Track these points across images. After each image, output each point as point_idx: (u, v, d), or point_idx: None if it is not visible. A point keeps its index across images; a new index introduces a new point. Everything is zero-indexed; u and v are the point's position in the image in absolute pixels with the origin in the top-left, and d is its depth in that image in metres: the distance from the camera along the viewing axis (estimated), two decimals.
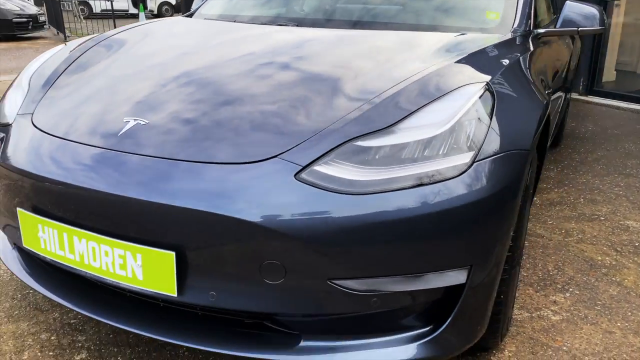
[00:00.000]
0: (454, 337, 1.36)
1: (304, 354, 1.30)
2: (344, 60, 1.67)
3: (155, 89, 1.57)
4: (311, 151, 1.27)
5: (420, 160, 1.27)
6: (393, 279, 1.25)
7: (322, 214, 1.20)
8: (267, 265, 1.21)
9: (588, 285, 2.15)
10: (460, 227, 1.25)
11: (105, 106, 1.54)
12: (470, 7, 2.16)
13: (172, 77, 1.63)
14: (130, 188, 1.25)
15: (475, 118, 1.35)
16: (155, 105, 1.49)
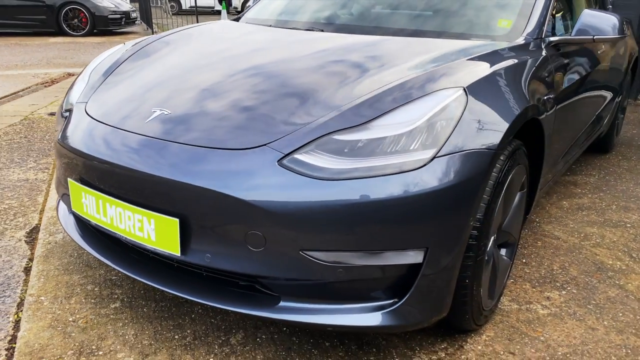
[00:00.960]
0: (416, 310, 1.55)
1: (282, 312, 1.54)
2: (347, 64, 1.88)
3: (181, 86, 1.87)
4: (294, 142, 1.50)
5: (387, 154, 1.46)
6: (355, 253, 1.45)
7: (297, 194, 1.43)
8: (250, 234, 1.46)
9: (588, 285, 2.22)
10: (416, 213, 1.43)
11: (141, 99, 1.85)
12: (485, 15, 2.29)
13: (195, 76, 1.92)
14: (146, 165, 1.55)
15: (443, 119, 1.52)
16: (178, 99, 1.78)
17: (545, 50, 2.16)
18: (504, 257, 2.01)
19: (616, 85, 3.56)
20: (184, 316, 1.92)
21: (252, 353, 1.74)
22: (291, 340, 1.81)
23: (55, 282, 2.11)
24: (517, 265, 2.37)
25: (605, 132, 3.86)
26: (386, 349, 1.78)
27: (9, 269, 2.21)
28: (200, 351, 1.74)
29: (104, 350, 1.73)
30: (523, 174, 1.91)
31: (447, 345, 1.81)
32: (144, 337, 1.80)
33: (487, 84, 1.69)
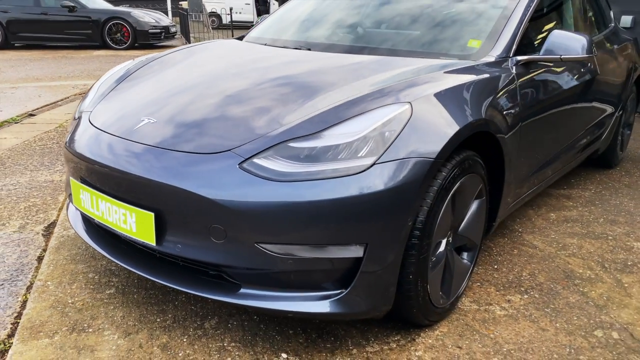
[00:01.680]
0: (360, 300, 1.72)
1: (242, 298, 1.74)
2: (315, 80, 2.09)
3: (166, 98, 2.12)
4: (254, 148, 1.72)
5: (334, 160, 1.66)
6: (302, 247, 1.65)
7: (252, 194, 1.64)
8: (213, 228, 1.67)
9: (551, 291, 2.34)
10: (355, 212, 1.62)
11: (134, 109, 2.10)
12: (456, 37, 2.47)
13: (183, 90, 2.17)
14: (128, 165, 1.79)
15: (387, 130, 1.70)
16: (163, 109, 2.02)
17: (512, 68, 2.31)
18: (463, 260, 2.16)
19: (613, 101, 3.63)
20: (168, 303, 2.15)
21: (222, 336, 1.95)
22: (259, 327, 2.01)
23: (62, 270, 2.38)
24: (488, 270, 2.50)
25: (607, 148, 3.92)
26: (343, 338, 1.96)
27: (25, 257, 2.50)
28: (177, 332, 1.96)
29: (94, 328, 1.97)
30: (478, 183, 2.06)
31: (400, 338, 1.97)
32: (130, 319, 2.03)
33: (435, 99, 1.86)
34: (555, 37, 2.38)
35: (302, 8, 3.19)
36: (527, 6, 2.54)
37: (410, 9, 2.73)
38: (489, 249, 2.72)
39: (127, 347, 1.87)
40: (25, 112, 5.74)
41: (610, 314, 2.18)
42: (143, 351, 1.86)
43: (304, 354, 1.87)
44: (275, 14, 3.31)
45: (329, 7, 3.05)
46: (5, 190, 3.37)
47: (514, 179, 2.37)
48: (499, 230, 2.95)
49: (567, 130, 2.92)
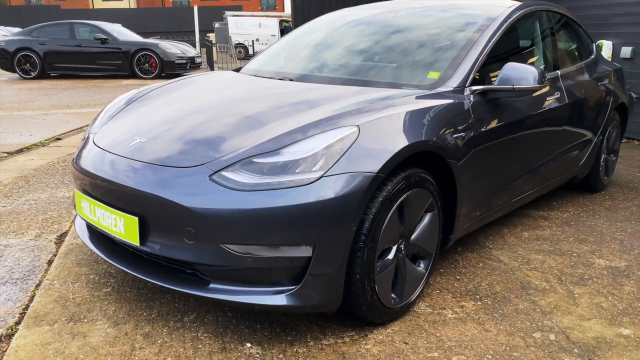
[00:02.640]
0: (312, 295, 1.98)
1: (211, 292, 2.02)
2: (283, 106, 2.41)
3: (158, 121, 2.45)
4: (223, 163, 2.02)
5: (289, 173, 1.95)
6: (259, 247, 1.93)
7: (218, 201, 1.93)
8: (186, 230, 1.97)
9: (504, 299, 2.55)
10: (304, 217, 1.90)
11: (131, 130, 2.44)
12: (419, 68, 2.76)
13: (170, 114, 2.51)
14: (118, 177, 2.12)
15: (335, 149, 1.99)
16: (153, 130, 2.36)
17: (466, 97, 2.58)
18: (417, 267, 2.40)
19: (589, 128, 3.84)
20: (155, 300, 2.44)
21: (197, 328, 2.23)
22: (231, 322, 2.29)
23: (67, 271, 2.71)
24: (450, 280, 2.73)
25: (588, 173, 4.10)
26: (304, 332, 2.22)
27: (37, 261, 2.84)
28: (159, 324, 2.25)
29: (88, 319, 2.28)
30: (427, 197, 2.32)
31: (354, 333, 2.22)
32: (120, 312, 2.33)
33: (382, 123, 2.15)
34: (508, 69, 2.65)
35: (288, 44, 3.55)
36: (487, 41, 2.81)
37: (379, 45, 3.05)
38: (455, 262, 2.95)
39: (114, 334, 2.17)
40: (53, 136, 6.22)
41: (553, 319, 2.38)
42: (128, 338, 2.15)
43: (265, 344, 2.13)
44: (268, 49, 3.67)
45: (310, 43, 3.40)
46: (27, 204, 3.76)
47: (470, 198, 2.61)
48: (470, 245, 3.17)
49: (531, 156, 3.14)
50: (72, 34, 13.63)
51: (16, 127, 6.82)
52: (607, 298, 2.59)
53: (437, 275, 2.77)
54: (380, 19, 3.32)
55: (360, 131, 2.07)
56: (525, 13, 3.22)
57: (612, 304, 2.53)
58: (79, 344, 2.10)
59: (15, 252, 2.95)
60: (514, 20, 3.09)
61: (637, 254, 3.12)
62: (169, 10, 38.41)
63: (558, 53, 3.55)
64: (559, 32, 3.76)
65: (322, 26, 3.60)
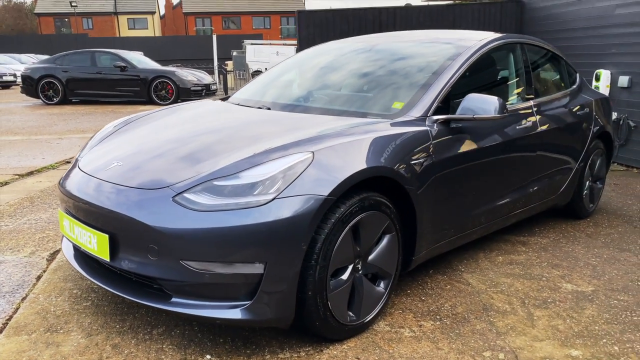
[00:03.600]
0: (265, 310, 2.12)
1: (172, 305, 2.17)
2: (250, 133, 2.59)
3: (135, 147, 2.65)
4: (186, 185, 2.20)
5: (245, 195, 2.11)
6: (215, 263, 2.08)
7: (179, 221, 2.10)
8: (150, 247, 2.14)
9: (464, 320, 2.64)
10: (256, 236, 2.05)
11: (111, 155, 2.64)
12: (384, 99, 2.93)
13: (148, 140, 2.71)
14: (92, 198, 2.31)
15: (288, 173, 2.15)
16: (130, 156, 2.55)
17: (428, 126, 2.72)
18: (376, 286, 2.52)
19: (570, 156, 3.94)
20: (129, 315, 2.60)
21: (163, 341, 2.37)
22: (196, 335, 2.43)
23: (53, 286, 2.89)
24: (414, 300, 2.83)
25: (570, 201, 4.18)
26: (263, 347, 2.34)
27: (27, 276, 3.03)
28: (129, 336, 2.40)
29: (64, 330, 2.44)
30: (384, 219, 2.45)
31: (311, 349, 2.34)
32: (95, 324, 2.50)
33: (337, 150, 2.30)
34: (469, 99, 2.79)
35: (272, 75, 3.77)
36: (453, 73, 2.97)
37: (351, 76, 3.24)
38: (424, 283, 3.05)
39: (85, 345, 2.33)
40: (64, 159, 6.51)
41: (506, 339, 2.47)
42: (97, 348, 2.31)
43: (225, 356, 2.27)
44: (255, 80, 3.88)
45: (290, 74, 3.61)
46: (28, 223, 3.98)
47: (432, 222, 2.73)
48: (441, 268, 3.27)
49: (502, 182, 3.25)
50: (94, 61, 14.18)
51: (31, 150, 7.14)
52: (565, 321, 2.66)
53: (402, 296, 2.88)
54: (357, 52, 3.51)
55: (314, 157, 2.23)
56: (495, 46, 3.38)
57: (568, 326, 2.61)
58: (51, 353, 2.26)
59: (8, 268, 3.15)
60: (484, 53, 3.24)
61: (607, 279, 3.19)
62: (191, 39, 39.49)
63: (533, 84, 3.67)
64: (536, 64, 3.90)
65: (306, 58, 3.81)
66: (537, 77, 3.88)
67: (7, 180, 5.41)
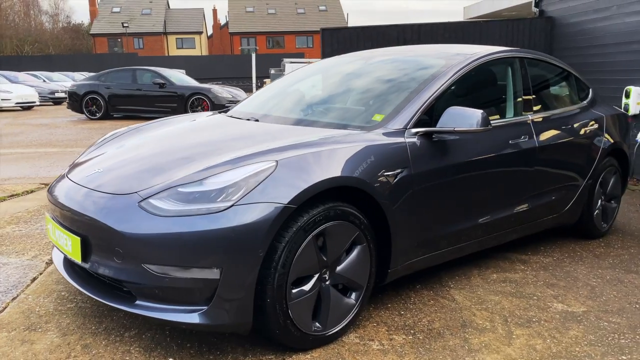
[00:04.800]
0: (222, 315, 2.15)
1: (136, 308, 2.23)
2: (229, 142, 2.65)
3: (117, 156, 2.76)
4: (152, 191, 2.27)
5: (207, 201, 2.16)
6: (174, 267, 2.13)
7: (142, 226, 2.17)
8: (115, 250, 2.21)
9: (438, 335, 2.59)
10: (213, 242, 2.09)
11: (95, 163, 2.76)
12: (366, 112, 2.94)
13: (130, 149, 2.81)
14: (69, 202, 2.42)
15: (251, 181, 2.19)
16: (110, 163, 2.66)
17: (406, 138, 2.71)
18: (347, 298, 2.51)
19: (576, 173, 3.81)
20: (108, 317, 2.68)
21: (132, 343, 2.43)
22: (165, 339, 2.48)
23: (44, 288, 3.02)
24: (393, 314, 2.79)
25: (579, 220, 4.04)
26: (227, 352, 2.37)
27: (24, 278, 3.17)
28: (101, 337, 2.48)
29: (43, 329, 2.54)
30: (353, 230, 2.44)
31: (273, 357, 2.35)
32: (72, 325, 2.59)
33: (302, 159, 2.33)
34: (449, 112, 2.76)
35: (272, 89, 3.84)
36: (438, 87, 2.94)
37: (341, 90, 3.27)
38: (407, 298, 3.01)
39: (58, 343, 2.41)
40: None
41: (477, 356, 2.40)
42: (68, 347, 2.39)
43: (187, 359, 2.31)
44: (257, 93, 3.97)
45: (288, 87, 3.68)
46: (39, 229, 4.17)
47: (409, 236, 2.70)
48: (430, 283, 3.22)
49: (493, 198, 3.18)
50: (134, 78, 14.75)
51: (62, 162, 7.47)
52: (545, 341, 2.57)
53: (381, 309, 2.85)
54: (351, 66, 3.54)
55: (277, 166, 2.26)
56: (488, 60, 3.33)
57: (547, 346, 2.52)
58: (24, 349, 2.36)
59: (9, 270, 3.30)
60: (475, 67, 3.20)
61: (603, 300, 3.06)
62: (234, 58, 40.55)
63: (532, 98, 3.60)
64: (538, 78, 3.82)
65: (305, 73, 3.87)
66: (538, 91, 3.79)
67: (32, 189, 5.68)
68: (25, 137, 10.57)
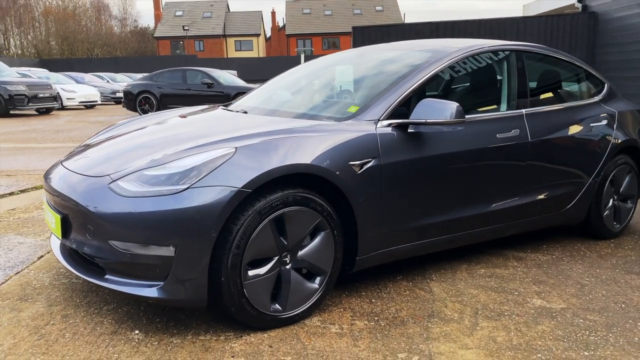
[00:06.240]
0: (178, 291, 2.29)
1: (105, 281, 2.41)
2: (208, 130, 2.80)
3: (106, 142, 2.97)
4: (122, 174, 2.44)
5: (167, 184, 2.31)
6: (134, 244, 2.29)
7: (108, 205, 2.34)
8: (87, 227, 2.40)
9: (401, 323, 2.62)
10: (169, 221, 2.23)
11: (86, 151, 2.97)
12: (342, 104, 3.01)
13: (118, 138, 3.01)
14: (56, 184, 2.63)
15: (207, 165, 2.32)
16: (97, 150, 2.86)
17: (378, 129, 2.75)
18: (310, 282, 2.59)
19: (579, 169, 3.70)
20: (94, 292, 2.89)
21: (107, 315, 2.62)
22: (137, 314, 2.65)
23: (47, 265, 3.28)
24: (364, 302, 2.84)
25: (585, 219, 3.92)
26: (191, 328, 2.50)
27: (32, 255, 3.45)
28: (81, 309, 2.68)
29: (33, 299, 2.78)
30: (315, 216, 2.52)
31: (232, 334, 2.46)
32: (60, 297, 2.81)
33: (262, 145, 2.43)
34: (422, 104, 2.79)
35: (270, 84, 3.98)
36: (417, 80, 2.97)
37: (327, 84, 3.34)
38: (384, 287, 3.05)
39: (41, 312, 2.64)
40: None
41: (432, 344, 2.42)
42: (49, 316, 2.60)
43: (151, 333, 2.46)
44: (258, 89, 4.11)
45: (283, 81, 3.81)
46: None
47: (378, 225, 2.74)
48: (412, 275, 3.23)
49: (468, 192, 3.11)
50: (184, 78, 15.33)
51: None
52: (509, 334, 2.55)
53: (354, 297, 2.91)
54: (342, 61, 3.62)
55: (237, 151, 2.38)
56: (476, 53, 3.31)
57: (508, 339, 2.50)
58: (10, 316, 2.59)
59: (22, 248, 3.60)
60: (460, 60, 3.20)
61: (589, 299, 2.98)
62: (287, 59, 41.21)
63: (528, 92, 3.53)
64: (539, 72, 3.75)
65: (301, 68, 3.97)
66: (538, 86, 3.72)
67: None
68: (79, 132, 11.23)
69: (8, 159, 7.47)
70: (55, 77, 21.81)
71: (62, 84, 20.01)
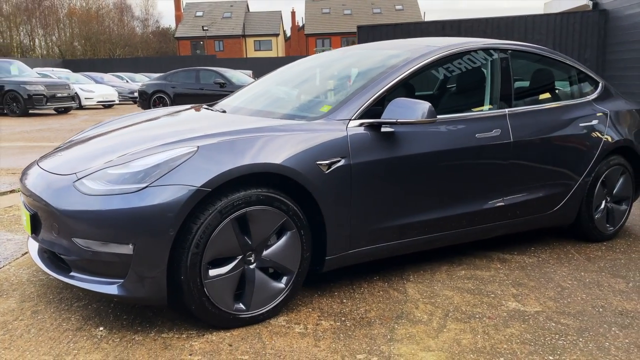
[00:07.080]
0: (137, 288, 2.30)
1: (70, 278, 2.44)
2: (178, 129, 2.81)
3: (83, 141, 3.00)
4: (87, 172, 2.47)
5: (128, 182, 2.33)
6: (94, 242, 2.31)
7: (72, 203, 2.37)
8: (54, 225, 2.44)
9: (367, 324, 2.60)
10: (127, 219, 2.25)
11: (61, 149, 3.01)
12: (315, 103, 3.00)
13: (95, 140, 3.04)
14: (27, 182, 2.68)
15: (170, 164, 2.33)
16: (72, 150, 2.90)
17: (348, 129, 2.73)
18: (276, 281, 2.59)
19: (567, 170, 3.63)
20: (67, 289, 2.93)
21: (76, 312, 2.65)
22: (106, 311, 2.68)
23: (30, 261, 3.33)
24: (334, 302, 2.83)
25: (575, 221, 3.85)
26: (156, 326, 2.52)
27: (17, 252, 3.51)
28: (52, 305, 2.72)
29: (7, 295, 2.83)
30: (280, 216, 2.51)
31: (195, 332, 2.47)
32: (34, 294, 2.85)
33: (225, 144, 2.44)
34: (394, 103, 2.76)
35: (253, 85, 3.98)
36: (391, 79, 2.95)
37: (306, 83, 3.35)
38: (357, 287, 3.03)
39: (12, 308, 2.68)
40: None
41: (393, 346, 2.40)
42: (21, 312, 2.65)
43: (115, 329, 2.49)
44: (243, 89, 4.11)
45: (265, 81, 3.81)
46: None
47: (347, 225, 2.72)
48: (389, 275, 3.21)
49: (444, 193, 3.07)
50: (197, 78, 15.46)
51: None
52: (476, 336, 2.51)
53: (325, 297, 2.89)
54: (327, 61, 3.60)
55: (198, 151, 2.39)
56: (454, 53, 3.27)
57: (473, 341, 2.46)
58: None
59: (9, 245, 3.67)
60: (436, 60, 3.17)
61: (566, 302, 2.92)
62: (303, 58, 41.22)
63: (512, 92, 3.47)
64: (526, 72, 3.69)
65: (285, 69, 3.97)
66: (523, 85, 3.66)
67: None
68: None
69: (16, 157, 7.63)
70: (75, 77, 22.21)
71: (81, 84, 20.36)
